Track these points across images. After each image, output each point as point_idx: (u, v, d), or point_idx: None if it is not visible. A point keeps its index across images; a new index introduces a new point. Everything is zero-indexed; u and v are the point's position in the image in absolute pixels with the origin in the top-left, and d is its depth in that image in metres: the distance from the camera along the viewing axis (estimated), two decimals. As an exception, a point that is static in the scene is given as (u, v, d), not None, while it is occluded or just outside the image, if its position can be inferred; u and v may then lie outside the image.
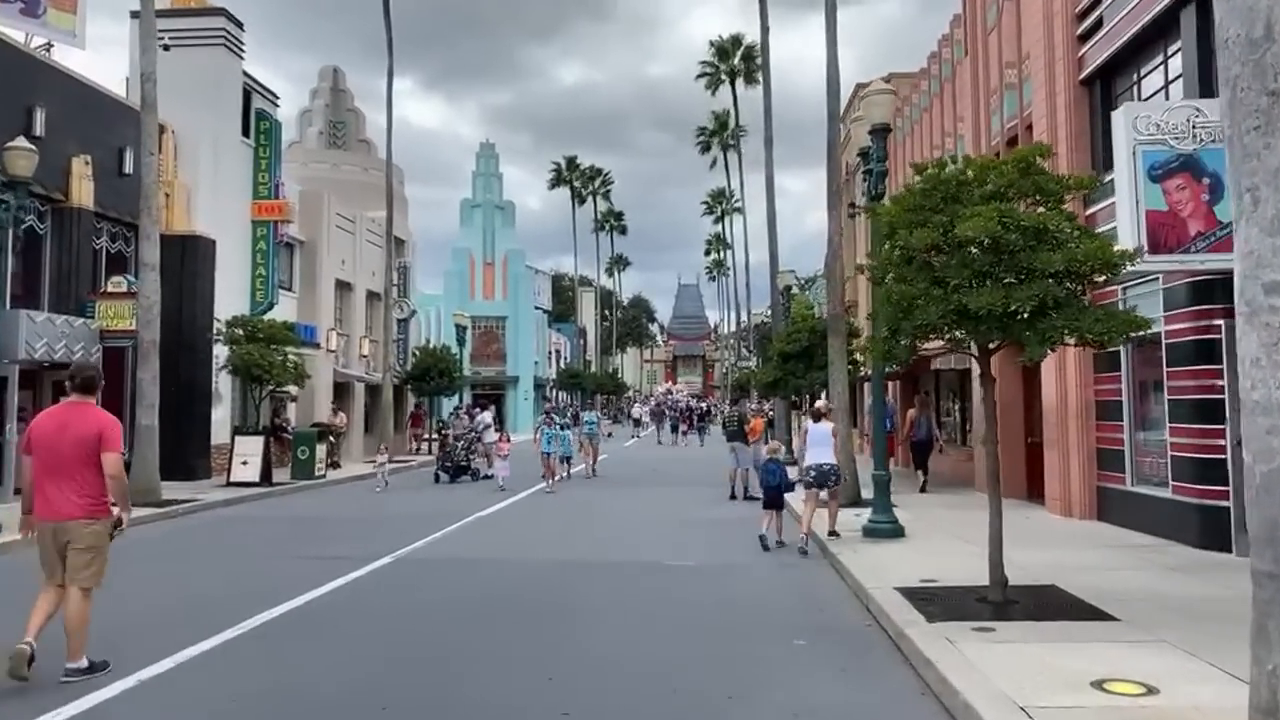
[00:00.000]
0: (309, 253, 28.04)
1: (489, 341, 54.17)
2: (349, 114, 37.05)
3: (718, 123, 54.70)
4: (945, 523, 12.63)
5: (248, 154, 24.09)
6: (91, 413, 5.85)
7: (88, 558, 5.74)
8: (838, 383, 15.19)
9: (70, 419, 5.80)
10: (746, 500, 16.96)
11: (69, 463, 5.70)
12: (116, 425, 5.90)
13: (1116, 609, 7.10)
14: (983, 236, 6.63)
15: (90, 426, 5.75)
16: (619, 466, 26.69)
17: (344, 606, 8.11)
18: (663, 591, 8.79)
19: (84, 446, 5.72)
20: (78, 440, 5.73)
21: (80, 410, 5.85)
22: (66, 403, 5.99)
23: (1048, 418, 13.59)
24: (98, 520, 5.79)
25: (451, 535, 12.50)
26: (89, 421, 5.78)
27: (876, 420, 11.70)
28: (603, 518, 14.72)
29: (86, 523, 5.73)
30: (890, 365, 7.80)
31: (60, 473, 5.70)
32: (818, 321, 18.70)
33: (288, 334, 20.37)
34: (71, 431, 5.74)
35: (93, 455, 5.73)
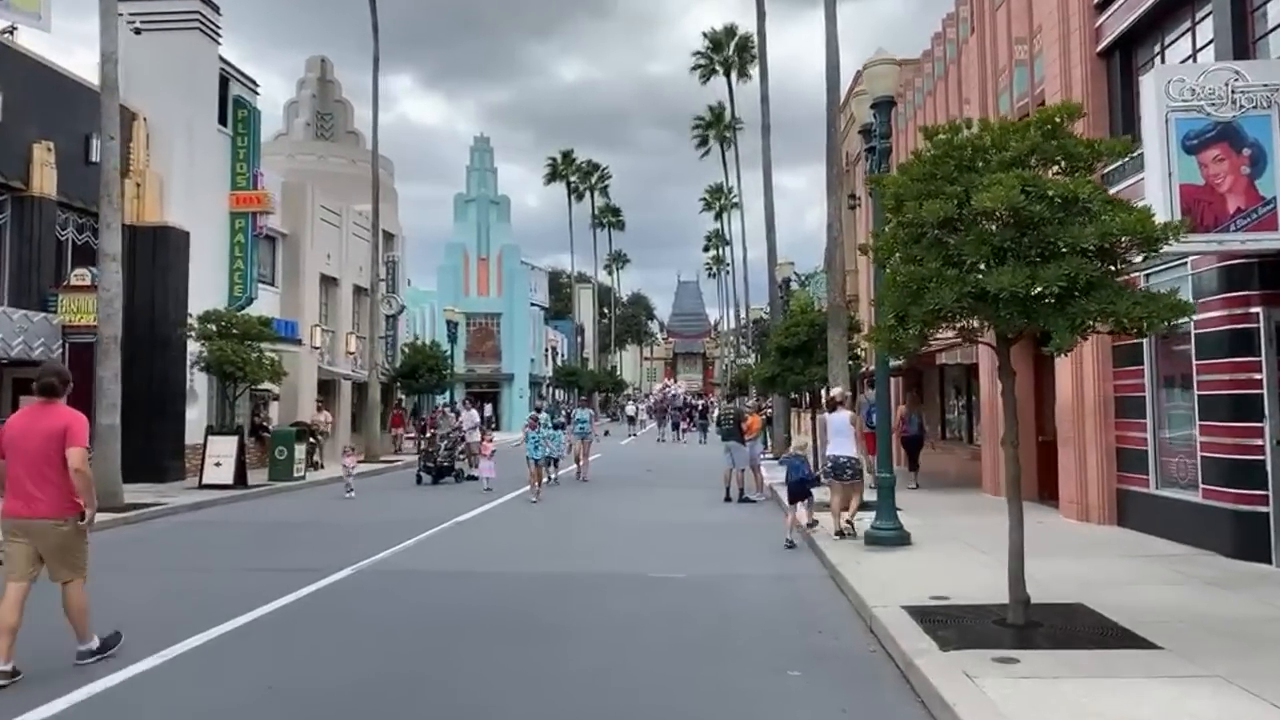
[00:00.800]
0: (292, 246, 27.16)
1: (484, 338, 53.35)
2: (337, 105, 36.13)
3: (713, 114, 53.71)
4: (954, 529, 11.76)
5: (225, 143, 23.22)
6: (57, 411, 5.91)
7: (65, 556, 5.84)
8: (838, 378, 14.32)
9: (38, 418, 5.86)
10: (742, 503, 16.11)
11: (36, 461, 5.74)
12: (82, 421, 5.94)
13: (1156, 633, 6.23)
14: (1003, 207, 5.76)
15: (57, 423, 5.81)
16: (613, 466, 25.82)
17: (285, 628, 7.24)
18: (645, 609, 7.92)
19: (51, 443, 5.75)
20: (45, 438, 5.77)
21: (46, 410, 5.90)
22: (36, 404, 6.00)
23: (1062, 414, 12.72)
24: (66, 519, 5.82)
25: (423, 543, 11.63)
26: (55, 420, 5.84)
27: (881, 418, 10.83)
28: (588, 524, 13.86)
29: (56, 522, 5.77)
30: (898, 357, 6.90)
31: (29, 472, 5.74)
32: (817, 315, 17.83)
33: (263, 329, 19.47)
34: (39, 430, 5.80)
35: (59, 454, 5.75)
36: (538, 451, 16.58)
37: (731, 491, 16.37)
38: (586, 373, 68.10)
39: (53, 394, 5.96)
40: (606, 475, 22.65)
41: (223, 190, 23.09)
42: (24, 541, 5.79)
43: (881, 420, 10.79)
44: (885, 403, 10.80)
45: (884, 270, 11.06)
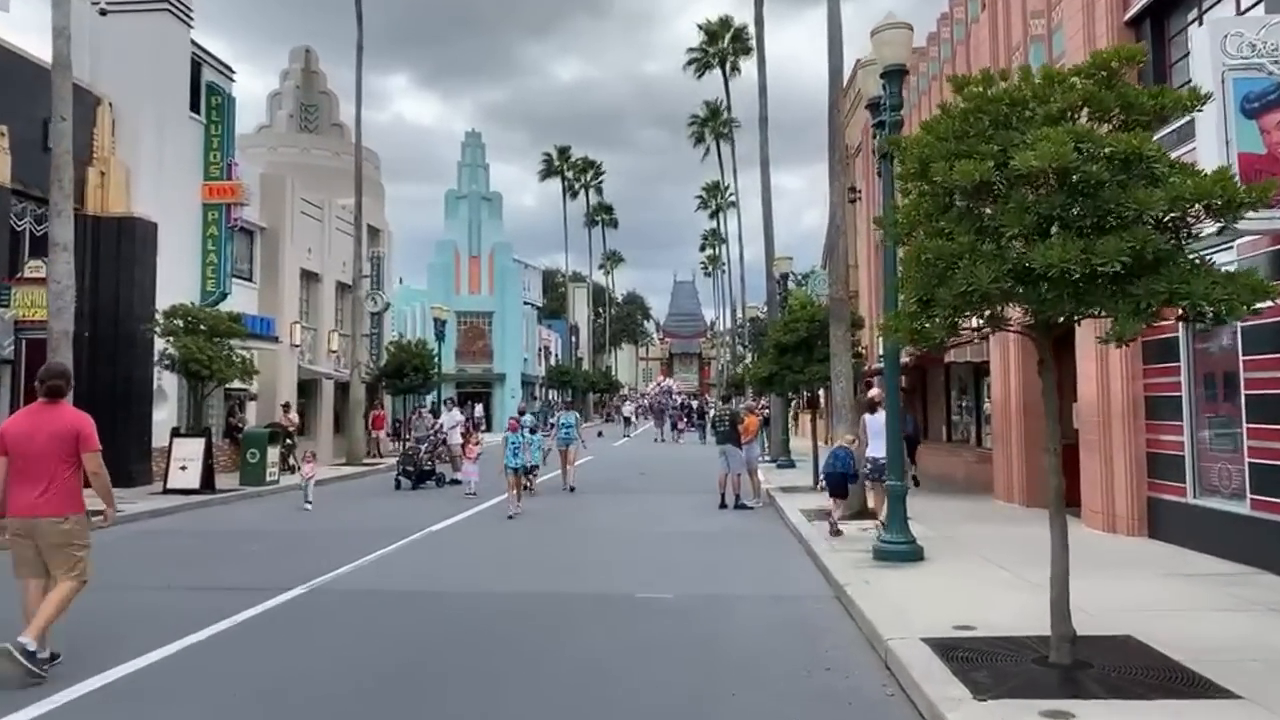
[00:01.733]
0: (270, 240, 26.12)
1: (475, 337, 52.33)
2: (322, 97, 35.08)
3: (710, 110, 52.63)
4: (969, 540, 10.76)
5: (197, 131, 22.18)
6: (65, 412, 5.94)
7: (65, 555, 5.80)
8: (841, 377, 13.33)
9: (44, 419, 5.86)
10: (738, 509, 15.12)
11: (43, 461, 5.74)
12: (91, 422, 5.96)
13: (1227, 676, 5.24)
14: (1051, 168, 4.77)
15: (66, 425, 5.82)
16: (605, 470, 24.81)
17: (198, 669, 6.22)
18: (623, 641, 6.92)
19: (59, 445, 5.78)
20: (52, 438, 5.77)
21: (53, 410, 5.92)
22: (38, 404, 6.00)
23: (1085, 416, 11.73)
24: (69, 518, 5.80)
25: (388, 557, 10.60)
26: (64, 420, 5.86)
27: (891, 419, 9.83)
28: (572, 534, 12.85)
29: (57, 520, 5.75)
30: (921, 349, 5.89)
31: (34, 472, 5.73)
32: (817, 310, 16.83)
33: (233, 325, 18.44)
34: (46, 430, 5.79)
35: (68, 454, 5.78)
36: (516, 458, 14.73)
37: (727, 498, 15.38)
38: (580, 373, 67.08)
39: (58, 395, 5.98)
40: (597, 479, 21.62)
41: (195, 180, 22.05)
42: (28, 541, 5.78)
43: (891, 422, 9.80)
44: (895, 402, 9.80)
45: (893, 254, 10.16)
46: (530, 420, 17.50)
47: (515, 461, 14.71)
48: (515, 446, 14.82)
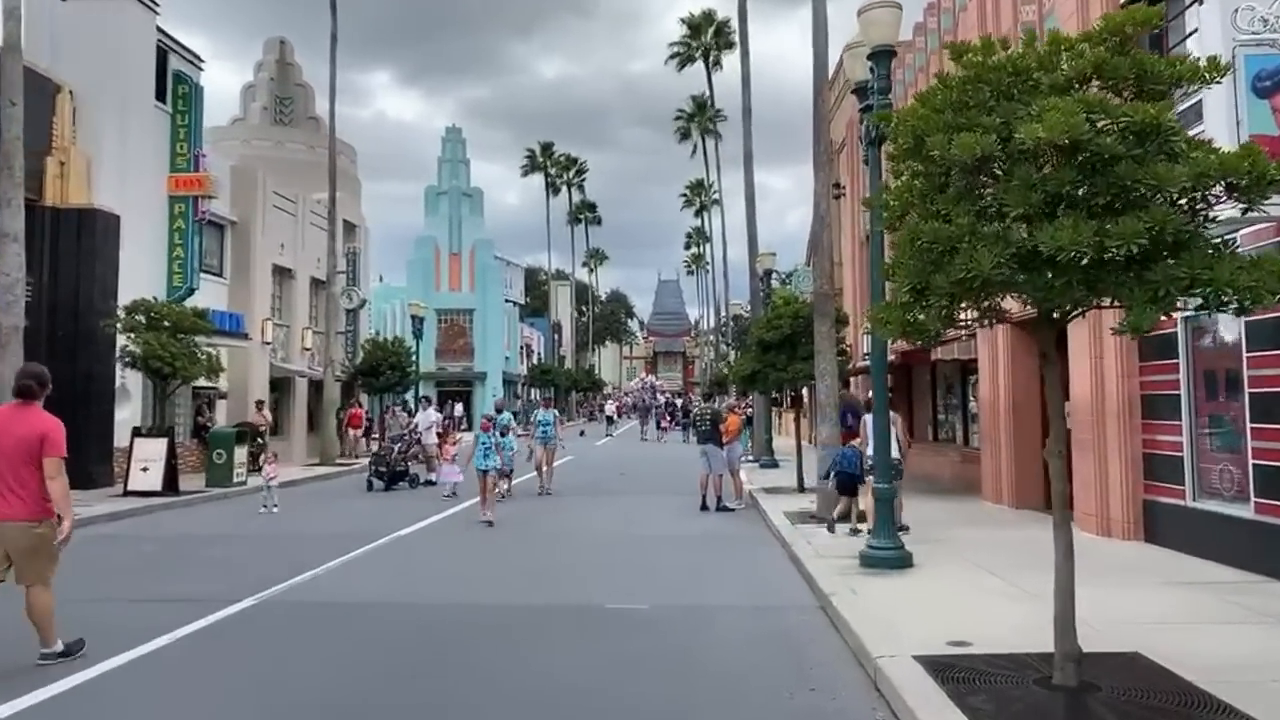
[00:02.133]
0: (241, 235, 25.42)
1: (456, 335, 51.64)
2: (297, 89, 34.32)
3: (696, 105, 52.11)
4: (958, 545, 10.32)
5: (163, 121, 21.48)
6: (35, 415, 5.88)
7: (29, 560, 5.78)
8: (826, 374, 12.87)
9: (13, 421, 5.84)
10: (720, 511, 14.65)
11: (13, 463, 5.72)
12: (60, 428, 5.90)
13: (1246, 699, 4.79)
14: (1063, 139, 4.30)
15: (33, 429, 5.77)
16: (584, 470, 24.29)
17: (124, 697, 5.67)
18: (592, 654, 6.42)
19: (26, 448, 5.74)
20: (19, 442, 5.74)
21: (24, 412, 5.89)
22: (11, 405, 6.01)
23: (1078, 415, 11.31)
24: (39, 523, 5.77)
25: (348, 565, 10.04)
26: (32, 424, 5.81)
27: (878, 420, 9.35)
28: (544, 539, 12.32)
29: (28, 525, 5.73)
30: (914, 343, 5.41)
31: (4, 474, 5.70)
32: (802, 306, 16.37)
33: (197, 321, 17.79)
34: (13, 434, 5.76)
35: (34, 457, 5.73)
36: (486, 460, 13.40)
37: (709, 500, 14.90)
38: (563, 371, 66.44)
39: (29, 396, 5.94)
40: (576, 480, 21.10)
41: (161, 172, 21.35)
42: None
43: (879, 423, 9.32)
44: (883, 401, 9.33)
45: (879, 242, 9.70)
46: (505, 419, 16.19)
47: (485, 464, 13.38)
48: (486, 448, 13.50)
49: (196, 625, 7.17)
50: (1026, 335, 13.76)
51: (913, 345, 6.41)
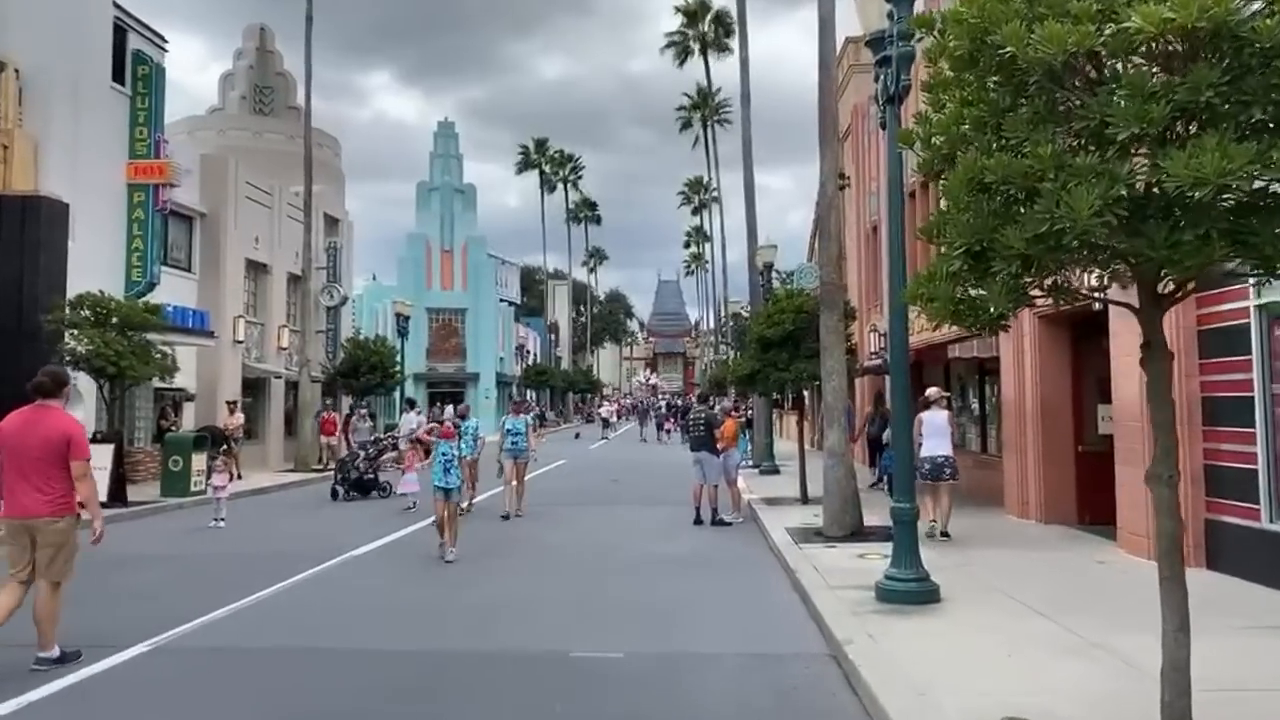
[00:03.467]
0: (211, 227, 24.05)
1: (448, 335, 50.23)
2: (278, 78, 32.95)
3: (699, 94, 50.62)
4: (988, 570, 8.90)
5: (121, 104, 20.11)
6: (56, 417, 6.09)
7: (52, 554, 6.00)
8: (833, 374, 11.45)
9: (36, 421, 6.03)
10: (715, 526, 13.24)
11: (38, 463, 5.93)
12: (82, 430, 6.22)
13: None
14: (1199, 23, 2.89)
15: (57, 431, 5.98)
16: (573, 476, 22.91)
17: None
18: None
19: (50, 449, 5.95)
20: (44, 443, 5.94)
21: (45, 414, 6.07)
22: (32, 406, 6.13)
23: (1122, 420, 9.90)
24: (62, 519, 6.03)
25: (279, 596, 8.63)
26: (55, 426, 6.00)
27: (899, 428, 7.92)
28: (514, 558, 10.91)
29: (50, 520, 5.96)
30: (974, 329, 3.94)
31: (27, 473, 5.94)
32: (805, 300, 14.96)
33: (148, 317, 16.38)
34: (38, 434, 5.96)
35: (58, 458, 5.96)
36: (448, 477, 10.49)
37: (703, 512, 13.48)
38: (559, 373, 65.10)
39: (45, 394, 6.12)
40: (563, 487, 19.72)
41: (118, 158, 20.00)
42: (24, 540, 5.97)
43: (900, 429, 7.89)
44: (905, 404, 7.90)
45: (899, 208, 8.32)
46: (473, 426, 14.57)
47: (445, 481, 10.50)
48: (448, 461, 10.65)
49: (59, 684, 5.76)
50: (1057, 327, 12.37)
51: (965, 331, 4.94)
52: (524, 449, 14.50)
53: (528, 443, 14.57)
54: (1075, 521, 12.05)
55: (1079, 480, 12.17)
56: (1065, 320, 12.25)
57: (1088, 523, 11.90)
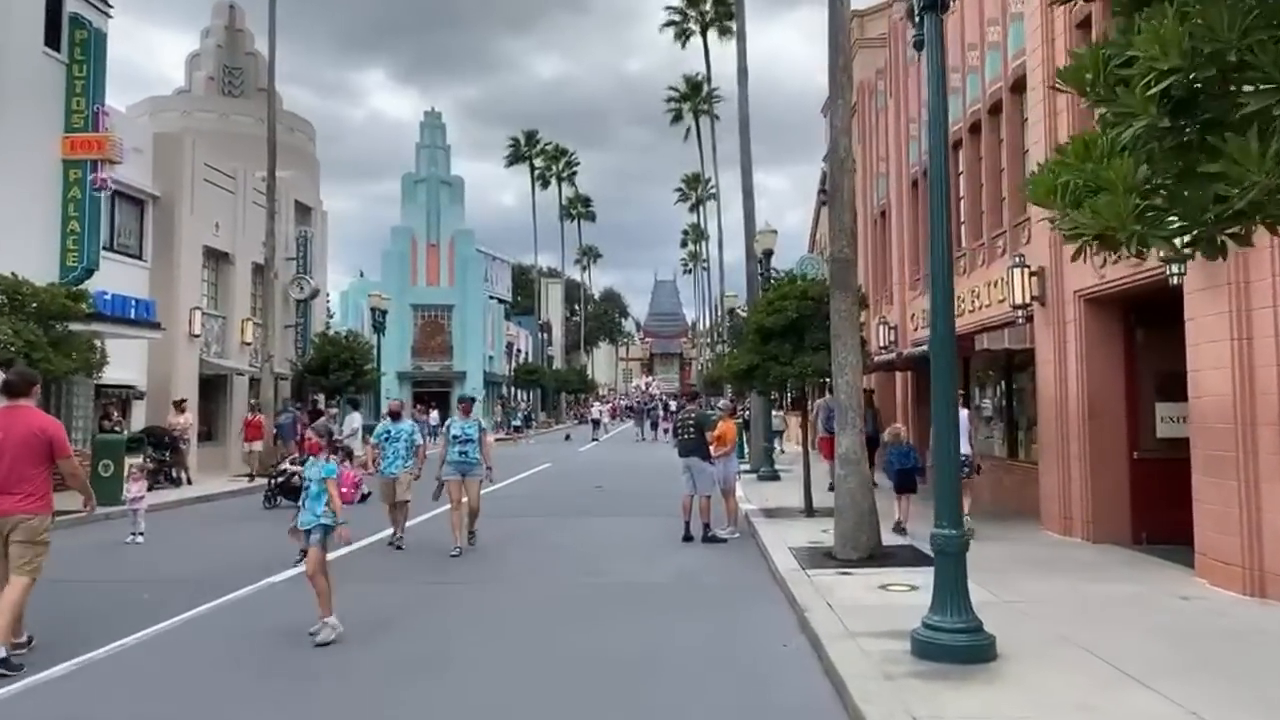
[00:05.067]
0: (165, 211, 22.18)
1: (433, 333, 48.44)
2: (248, 59, 31.10)
3: (689, 85, 48.75)
4: (1049, 611, 7.09)
5: (56, 72, 18.26)
6: (34, 416, 6.22)
7: (28, 549, 6.09)
8: (846, 367, 9.65)
9: (12, 422, 6.11)
10: (708, 543, 11.44)
11: (15, 461, 6.03)
12: (62, 429, 6.40)
13: None
14: None
15: (35, 431, 6.09)
16: (555, 481, 21.10)
17: None
18: None
19: (28, 449, 6.07)
20: (20, 443, 6.04)
21: (20, 413, 6.16)
22: (5, 407, 6.21)
23: (1207, 422, 8.07)
24: (37, 515, 6.15)
25: (133, 652, 6.80)
26: (33, 425, 6.12)
27: (944, 430, 6.08)
28: (459, 585, 9.11)
29: (26, 517, 6.08)
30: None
31: (6, 470, 6.01)
32: (811, 284, 13.15)
33: (70, 304, 14.55)
34: (14, 434, 6.05)
35: (36, 457, 6.11)
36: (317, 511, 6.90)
37: (693, 527, 11.68)
38: (551, 372, 63.25)
39: (15, 394, 6.24)
40: (541, 494, 17.92)
41: (52, 132, 18.13)
42: None
43: (945, 431, 6.05)
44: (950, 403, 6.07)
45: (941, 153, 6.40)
46: (405, 430, 11.35)
47: (313, 518, 6.91)
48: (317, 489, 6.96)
49: None
50: (1108, 312, 10.58)
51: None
52: (475, 463, 10.75)
53: (480, 454, 10.78)
54: (1129, 541, 10.26)
55: (1134, 492, 10.37)
56: (1118, 303, 10.47)
57: (1145, 543, 10.12)
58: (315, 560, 6.85)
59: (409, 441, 11.31)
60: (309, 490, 7.03)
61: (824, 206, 28.42)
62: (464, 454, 10.73)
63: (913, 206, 18.05)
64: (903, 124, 18.82)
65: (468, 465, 10.74)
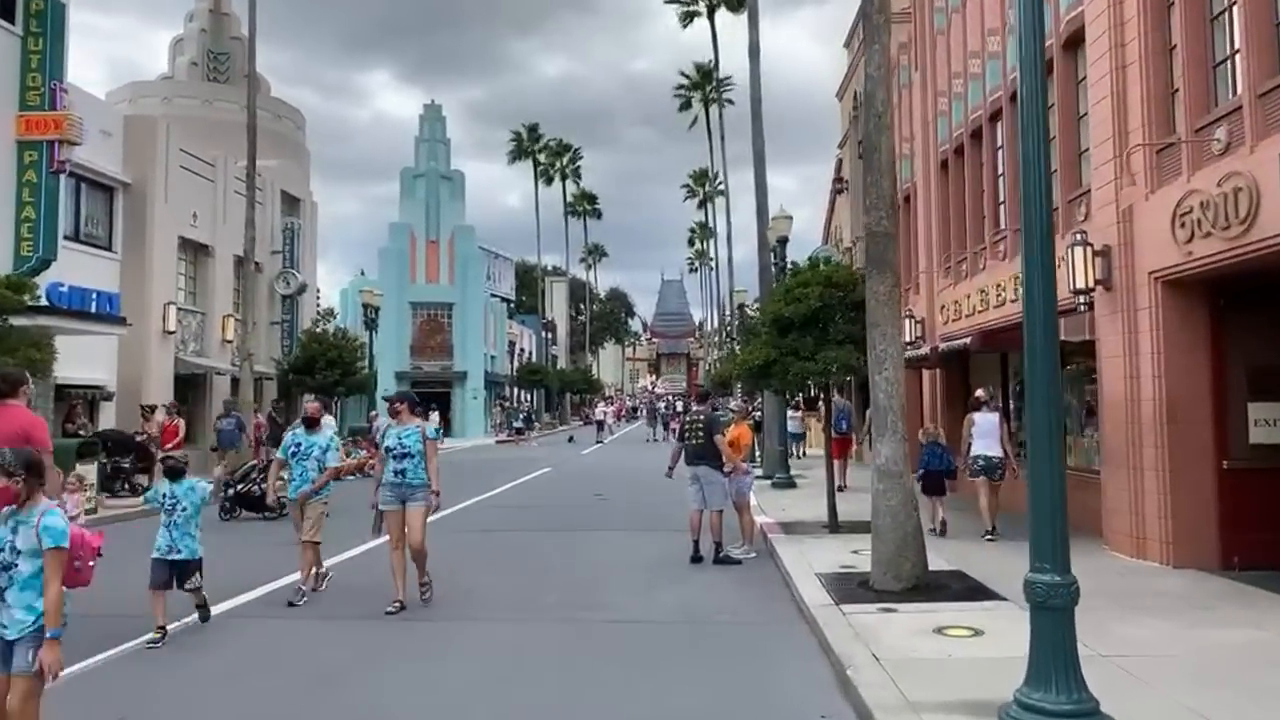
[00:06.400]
0: (135, 200, 20.82)
1: (433, 331, 46.91)
2: (234, 43, 29.64)
3: (700, 73, 47.08)
4: (1158, 669, 5.53)
5: (11, 45, 16.86)
6: (16, 414, 6.05)
7: None
8: (885, 361, 8.11)
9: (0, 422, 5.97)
10: (720, 564, 9.91)
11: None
12: (41, 425, 6.20)
13: None
14: None
15: (17, 427, 5.88)
16: (552, 488, 19.58)
17: None
18: None
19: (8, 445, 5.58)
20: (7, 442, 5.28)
21: (9, 413, 6.02)
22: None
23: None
24: None
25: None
26: (16, 425, 5.91)
27: (1039, 433, 4.53)
28: (414, 627, 7.60)
29: None
30: None
31: None
32: (835, 269, 11.60)
33: (7, 296, 13.11)
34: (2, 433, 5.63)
35: None
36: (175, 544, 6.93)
37: (703, 546, 10.14)
38: (555, 373, 61.71)
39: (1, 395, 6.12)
40: (531, 504, 16.42)
41: (5, 110, 16.72)
42: None
43: (1041, 441, 4.51)
44: (1051, 389, 4.53)
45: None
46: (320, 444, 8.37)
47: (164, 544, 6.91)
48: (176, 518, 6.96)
49: None
50: (1192, 296, 9.01)
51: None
52: (418, 484, 7.84)
53: (426, 472, 7.86)
54: (1218, 565, 8.69)
55: (1223, 509, 8.80)
56: (1204, 286, 8.91)
57: (1238, 568, 8.55)
58: None
59: (320, 460, 8.31)
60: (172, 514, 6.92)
61: (839, 195, 26.84)
62: (401, 473, 7.82)
63: (942, 188, 16.48)
64: (930, 100, 17.25)
65: (408, 488, 7.84)
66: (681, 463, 10.78)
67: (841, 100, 26.58)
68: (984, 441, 10.87)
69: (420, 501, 7.86)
